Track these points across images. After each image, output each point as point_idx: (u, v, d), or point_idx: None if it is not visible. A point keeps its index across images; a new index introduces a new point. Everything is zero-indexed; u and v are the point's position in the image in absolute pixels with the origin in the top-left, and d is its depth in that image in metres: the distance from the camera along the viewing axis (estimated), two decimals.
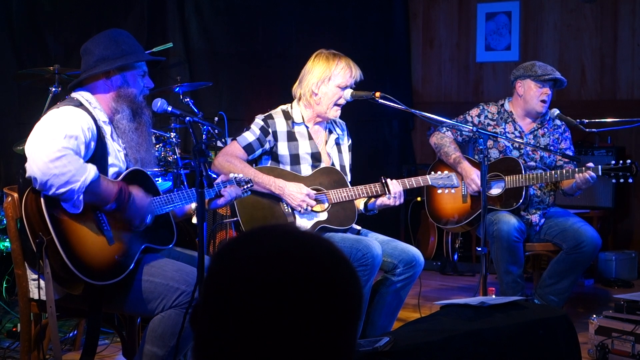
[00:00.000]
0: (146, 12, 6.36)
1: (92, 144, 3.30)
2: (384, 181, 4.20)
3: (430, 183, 4.36)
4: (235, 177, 3.78)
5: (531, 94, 5.13)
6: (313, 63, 4.27)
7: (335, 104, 4.26)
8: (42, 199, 3.17)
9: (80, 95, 3.43)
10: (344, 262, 1.34)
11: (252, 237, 1.35)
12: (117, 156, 3.43)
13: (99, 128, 3.35)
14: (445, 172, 4.47)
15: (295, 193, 4.12)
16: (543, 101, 5.12)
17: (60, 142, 3.14)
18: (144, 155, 3.53)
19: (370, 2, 8.04)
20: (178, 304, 3.29)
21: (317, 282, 1.29)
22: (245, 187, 3.79)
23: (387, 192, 4.19)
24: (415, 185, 4.34)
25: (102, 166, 3.32)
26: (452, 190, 4.52)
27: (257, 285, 1.27)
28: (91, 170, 3.17)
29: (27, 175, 3.17)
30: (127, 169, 3.47)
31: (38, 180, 3.12)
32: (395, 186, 4.21)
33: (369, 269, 3.95)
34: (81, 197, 3.17)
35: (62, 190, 3.12)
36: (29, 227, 3.22)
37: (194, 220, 3.69)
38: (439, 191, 4.47)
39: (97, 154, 3.32)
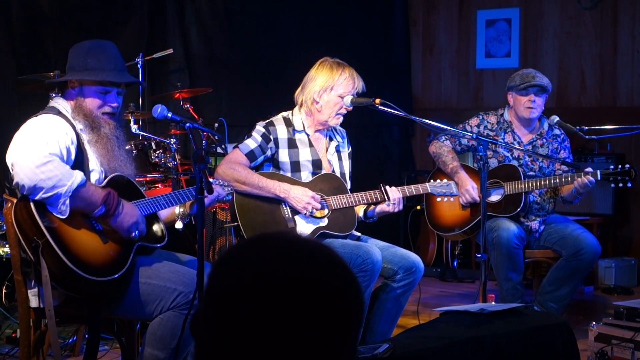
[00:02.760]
0: (146, 18, 6.37)
1: (73, 151, 3.34)
2: (382, 188, 4.20)
3: (429, 191, 4.36)
4: (216, 180, 3.84)
5: (518, 103, 5.15)
6: (317, 71, 4.28)
7: (337, 113, 4.26)
8: (32, 204, 3.19)
9: (58, 104, 3.48)
10: (344, 269, 1.34)
11: (253, 244, 1.35)
12: (96, 162, 3.47)
13: (77, 135, 3.39)
14: (445, 180, 4.47)
15: (301, 196, 4.13)
16: (529, 107, 5.10)
17: (45, 148, 3.19)
18: (114, 164, 3.52)
19: (370, 9, 8.06)
20: (176, 305, 3.29)
21: (319, 288, 1.29)
22: (228, 189, 3.83)
23: (387, 199, 4.19)
24: (414, 193, 4.34)
25: (84, 172, 3.35)
26: (451, 199, 4.52)
27: (259, 291, 1.28)
28: (77, 176, 3.21)
29: (14, 182, 3.20)
30: (105, 174, 3.49)
31: (26, 186, 3.15)
32: (394, 193, 4.21)
33: (369, 275, 3.95)
34: (67, 201, 3.19)
35: (49, 194, 3.16)
36: (22, 235, 3.23)
37: (178, 225, 3.69)
38: (438, 199, 4.47)
39: (78, 160, 3.36)
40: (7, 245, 4.82)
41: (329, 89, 4.22)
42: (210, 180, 3.78)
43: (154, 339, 3.29)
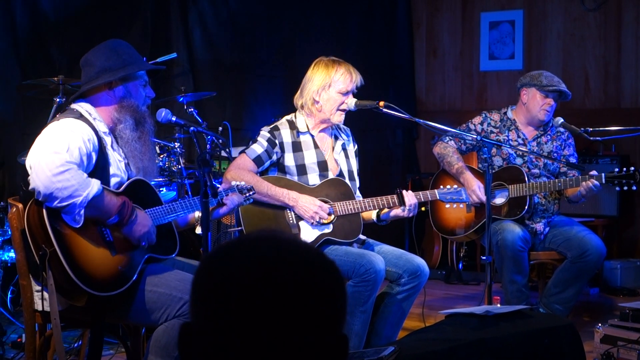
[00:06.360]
0: (150, 22, 6.38)
1: (94, 156, 3.31)
2: (399, 192, 4.18)
3: (438, 197, 4.33)
4: (237, 185, 3.77)
5: (534, 102, 5.14)
6: (312, 71, 4.28)
7: (338, 109, 4.25)
8: (44, 211, 3.17)
9: (80, 107, 3.43)
10: (325, 268, 1.34)
11: (233, 244, 1.36)
12: (118, 166, 3.43)
13: (99, 139, 3.36)
14: (455, 186, 4.41)
15: (309, 205, 4.12)
16: (546, 110, 5.13)
17: (63, 155, 3.15)
18: (147, 164, 3.53)
19: (374, 12, 8.06)
20: (181, 313, 3.28)
21: (297, 285, 1.29)
22: (247, 194, 3.78)
23: (403, 204, 4.17)
24: (423, 200, 4.31)
25: (104, 177, 3.32)
26: (461, 205, 4.50)
27: (240, 289, 1.28)
28: (94, 185, 3.17)
29: (30, 187, 3.17)
30: (128, 178, 3.47)
31: (41, 193, 3.12)
32: (411, 198, 4.18)
33: (372, 285, 3.93)
34: (82, 211, 3.16)
35: (64, 203, 3.13)
36: (31, 239, 3.22)
37: (198, 230, 3.68)
38: (447, 206, 4.44)
39: (99, 165, 3.32)
40: (12, 250, 4.83)
41: (327, 87, 4.22)
42: (233, 184, 3.78)
43: (158, 347, 3.28)
